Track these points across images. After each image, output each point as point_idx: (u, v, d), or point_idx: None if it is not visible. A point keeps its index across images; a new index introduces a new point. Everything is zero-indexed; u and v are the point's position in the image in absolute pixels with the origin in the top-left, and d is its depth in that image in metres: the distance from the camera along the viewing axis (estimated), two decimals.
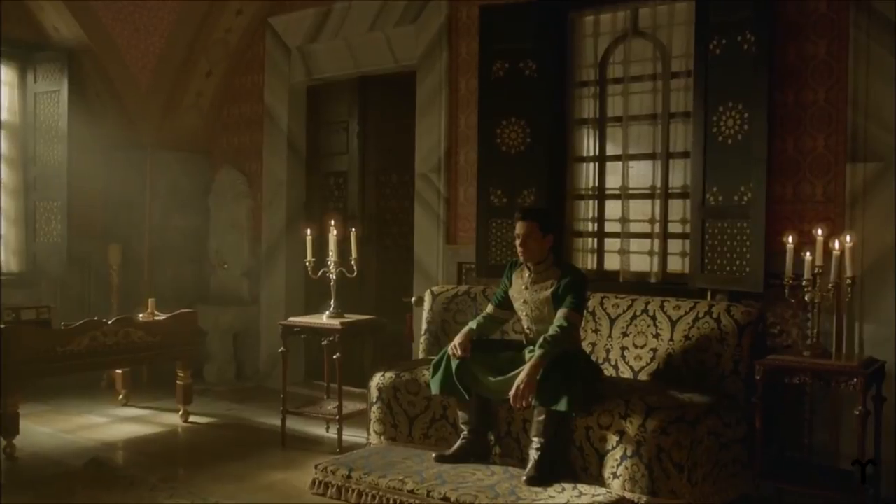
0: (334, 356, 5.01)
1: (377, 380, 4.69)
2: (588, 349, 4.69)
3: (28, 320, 5.06)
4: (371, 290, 6.69)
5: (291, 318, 5.32)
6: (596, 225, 5.41)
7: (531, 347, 4.10)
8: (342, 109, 6.88)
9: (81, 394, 6.49)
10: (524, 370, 3.88)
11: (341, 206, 6.88)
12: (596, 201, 5.41)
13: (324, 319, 5.12)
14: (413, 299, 5.62)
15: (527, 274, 4.23)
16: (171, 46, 6.79)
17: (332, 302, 5.18)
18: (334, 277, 5.14)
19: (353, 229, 5.28)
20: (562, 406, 3.78)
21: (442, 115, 5.93)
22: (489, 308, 4.46)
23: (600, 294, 4.81)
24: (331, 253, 5.14)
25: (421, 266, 6.05)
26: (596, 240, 5.41)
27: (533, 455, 3.89)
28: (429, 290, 5.40)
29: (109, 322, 5.32)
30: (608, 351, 4.61)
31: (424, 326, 5.31)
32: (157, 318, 5.80)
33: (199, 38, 6.84)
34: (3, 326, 4.89)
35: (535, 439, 3.90)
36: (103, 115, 7.15)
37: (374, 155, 6.72)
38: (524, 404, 3.83)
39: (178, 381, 5.79)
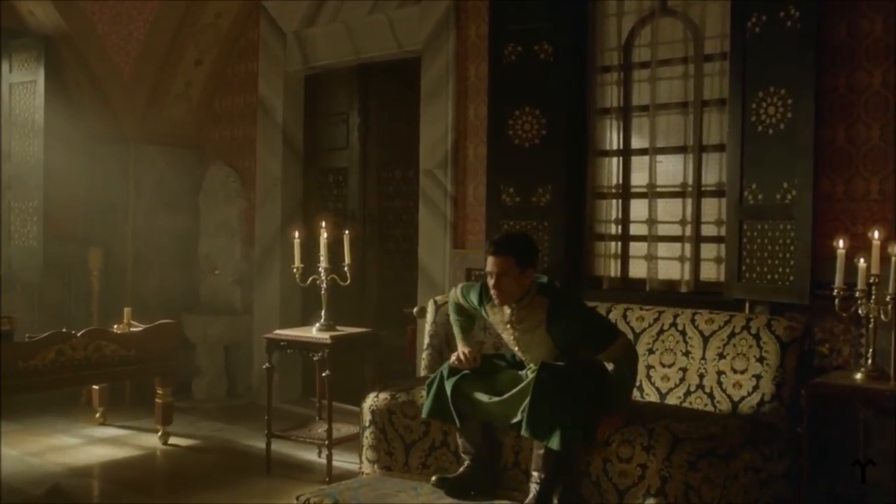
0: (323, 374, 4.72)
1: (370, 401, 4.38)
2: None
3: None
4: (372, 299, 6.41)
5: (277, 331, 5.05)
6: (620, 227, 5.08)
7: (531, 367, 3.78)
8: (342, 100, 6.61)
9: (58, 411, 6.25)
10: (609, 421, 3.58)
11: (341, 206, 6.62)
12: (620, 200, 5.08)
13: (313, 332, 4.84)
14: (415, 310, 5.32)
15: (508, 311, 3.77)
16: (155, 32, 6.55)
17: (322, 313, 4.90)
18: (325, 286, 4.86)
19: (347, 231, 5.00)
20: (553, 443, 3.44)
21: (449, 104, 5.64)
22: (453, 315, 4.13)
23: (624, 305, 4.48)
24: (321, 258, 4.87)
25: (426, 272, 5.75)
26: (620, 244, 5.08)
27: (532, 490, 3.55)
28: (432, 300, 5.10)
29: (78, 334, 5.07)
30: None
31: (426, 341, 5.00)
32: (133, 329, 5.54)
33: (186, 23, 6.60)
34: None
35: (535, 474, 3.55)
36: (83, 107, 6.94)
37: (376, 149, 6.44)
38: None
39: (157, 399, 5.54)
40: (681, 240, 4.82)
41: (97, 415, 6.04)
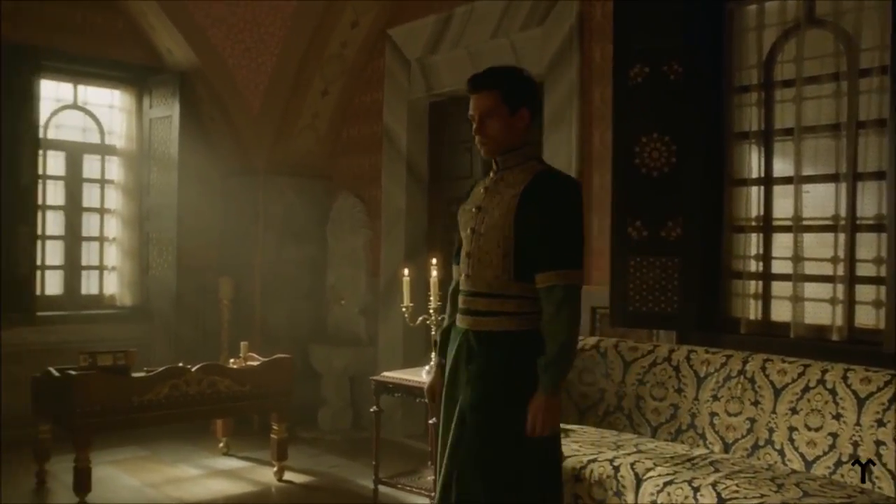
0: (430, 421, 4.32)
1: None
2: (746, 426, 3.75)
3: (104, 366, 4.72)
4: None
5: (384, 373, 4.70)
6: (761, 264, 4.43)
7: (473, 356, 2.80)
8: (465, 128, 6.20)
9: (187, 437, 6.16)
10: (533, 406, 2.69)
11: None
12: (761, 235, 4.43)
13: (423, 376, 4.46)
14: None
15: (491, 173, 2.95)
16: (282, 64, 6.42)
17: (432, 355, 4.51)
18: (435, 326, 4.48)
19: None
20: None
21: (573, 131, 5.17)
22: (454, 272, 3.10)
23: (763, 356, 3.87)
24: (431, 297, 4.50)
25: None
26: (761, 283, 4.42)
27: None
28: None
29: (193, 369, 4.92)
30: (771, 431, 3.65)
31: None
32: (251, 363, 5.35)
33: (311, 54, 6.43)
34: (73, 374, 4.59)
35: None
36: (215, 140, 6.92)
37: None
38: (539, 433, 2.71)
39: (272, 435, 5.32)
40: (832, 280, 4.11)
41: (220, 444, 5.91)
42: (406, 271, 4.68)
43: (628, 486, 3.48)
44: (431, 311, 4.48)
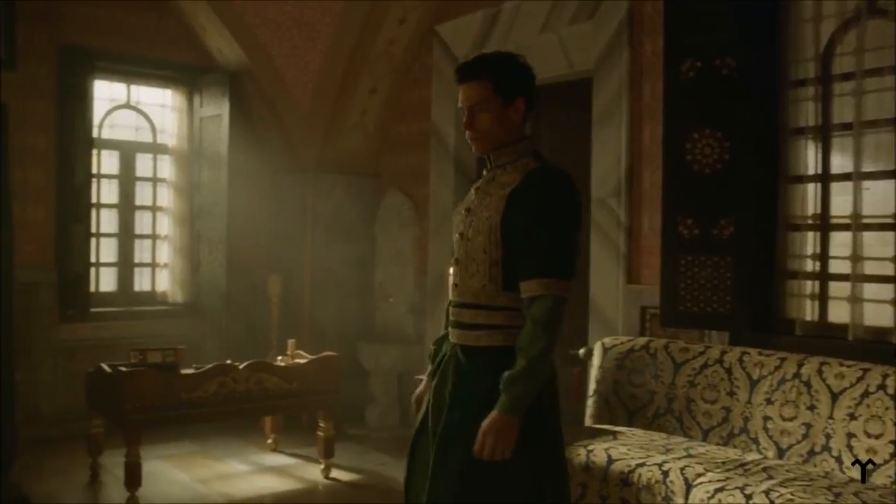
0: None
1: None
2: (801, 431, 3.62)
3: (154, 363, 4.77)
4: None
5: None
6: (818, 264, 4.28)
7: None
8: None
9: (236, 433, 6.22)
10: (485, 424, 2.38)
11: None
12: (818, 233, 4.28)
13: None
14: (581, 351, 4.75)
15: (484, 172, 2.70)
16: (331, 63, 6.41)
17: None
18: None
19: None
20: None
21: (622, 127, 5.06)
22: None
23: (819, 358, 3.73)
24: None
25: (597, 309, 5.17)
26: (818, 283, 4.26)
27: None
28: (599, 342, 4.56)
29: (241, 366, 4.94)
30: (828, 437, 3.52)
31: (592, 387, 4.47)
32: (299, 360, 5.36)
33: (359, 53, 6.40)
34: (124, 370, 4.64)
35: None
36: (265, 139, 6.97)
37: None
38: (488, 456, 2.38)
39: (319, 433, 5.33)
40: (893, 280, 3.95)
41: (268, 441, 5.95)
42: (451, 270, 4.61)
43: (678, 492, 3.39)
44: None
